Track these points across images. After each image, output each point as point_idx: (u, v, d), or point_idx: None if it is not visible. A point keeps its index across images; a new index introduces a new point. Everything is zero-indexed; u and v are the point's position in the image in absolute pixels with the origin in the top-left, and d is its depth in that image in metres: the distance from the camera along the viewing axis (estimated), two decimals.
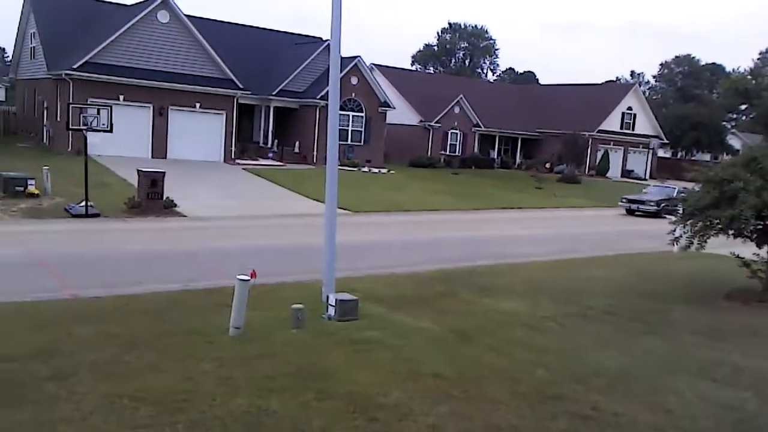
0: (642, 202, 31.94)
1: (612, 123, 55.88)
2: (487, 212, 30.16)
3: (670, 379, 9.08)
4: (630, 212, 32.31)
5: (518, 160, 56.31)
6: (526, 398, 8.04)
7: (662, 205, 30.94)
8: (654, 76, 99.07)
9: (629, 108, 57.10)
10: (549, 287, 14.79)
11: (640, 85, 76.21)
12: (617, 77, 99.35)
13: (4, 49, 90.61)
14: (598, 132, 54.27)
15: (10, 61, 47.23)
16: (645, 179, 55.70)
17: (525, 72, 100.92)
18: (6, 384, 7.60)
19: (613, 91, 61.99)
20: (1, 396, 7.24)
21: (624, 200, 32.81)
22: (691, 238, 14.16)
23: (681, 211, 14.77)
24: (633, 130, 57.47)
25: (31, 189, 22.28)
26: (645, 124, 58.38)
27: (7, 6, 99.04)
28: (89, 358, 8.59)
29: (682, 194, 32.20)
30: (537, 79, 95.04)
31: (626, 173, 56.46)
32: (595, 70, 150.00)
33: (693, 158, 65.37)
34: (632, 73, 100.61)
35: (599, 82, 70.16)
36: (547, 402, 7.97)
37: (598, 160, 54.43)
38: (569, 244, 22.40)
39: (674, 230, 14.83)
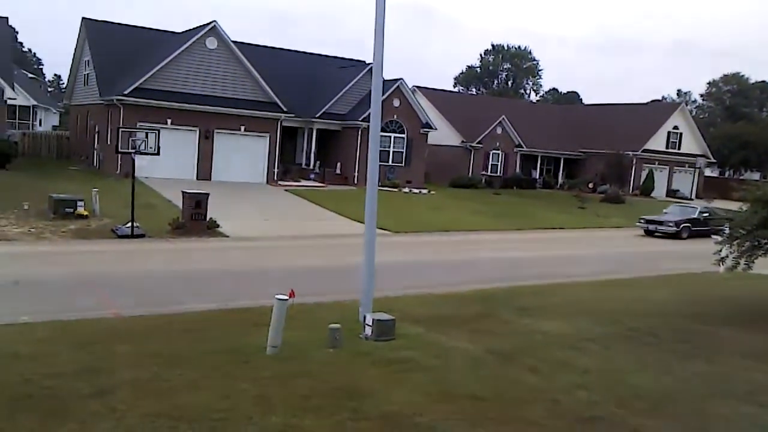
0: (660, 223, 30.81)
1: (657, 142, 54.92)
2: (528, 233, 29.84)
3: (715, 403, 8.80)
4: (648, 233, 31.09)
5: (560, 180, 55.68)
6: (566, 420, 7.89)
7: (682, 225, 30.11)
8: (701, 95, 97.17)
9: (675, 127, 56.06)
10: (591, 308, 14.52)
11: (686, 104, 74.81)
12: (663, 96, 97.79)
13: (59, 76, 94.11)
14: (643, 151, 53.38)
15: (65, 87, 48.90)
16: (691, 198, 54.48)
17: (568, 92, 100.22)
18: (50, 400, 7.78)
19: (658, 110, 61.00)
20: (46, 412, 7.41)
21: (642, 221, 31.59)
22: (738, 258, 13.78)
23: (727, 232, 14.38)
24: (679, 149, 56.36)
25: (81, 210, 22.88)
26: (692, 144, 57.22)
27: (63, 35, 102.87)
28: (130, 375, 8.73)
29: (705, 214, 30.30)
30: (581, 99, 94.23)
31: (672, 193, 55.31)
32: (641, 90, 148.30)
33: (741, 177, 63.72)
34: (679, 92, 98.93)
35: (645, 102, 69.11)
36: (587, 424, 7.81)
37: (642, 180, 53.46)
38: (612, 264, 22.00)
39: (720, 250, 14.46)
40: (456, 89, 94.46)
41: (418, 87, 52.52)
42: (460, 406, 8.15)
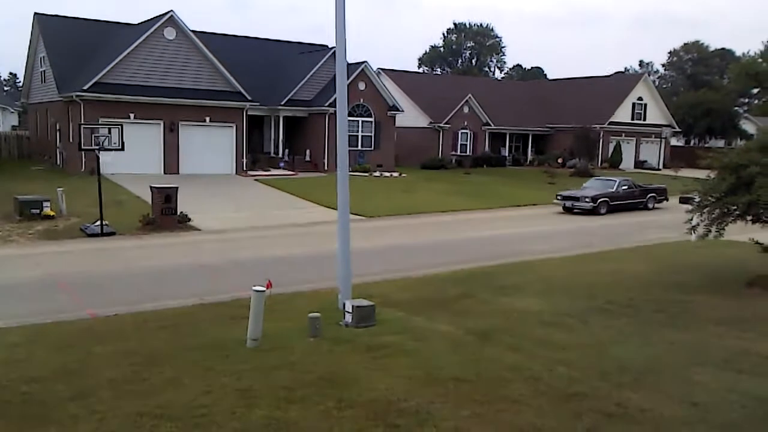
0: (577, 199, 28.81)
1: (623, 114, 55.48)
2: (500, 211, 30.01)
3: (695, 371, 8.94)
4: (567, 210, 29.19)
5: (530, 156, 56.03)
6: (549, 397, 7.95)
7: (599, 201, 28.50)
8: (663, 65, 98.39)
9: (639, 98, 56.67)
10: (567, 283, 14.67)
11: (649, 75, 75.67)
12: (626, 68, 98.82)
13: (15, 74, 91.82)
14: (609, 124, 53.90)
15: (22, 86, 47.73)
16: (659, 169, 55.19)
17: (533, 68, 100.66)
18: (29, 405, 7.64)
19: (622, 82, 61.55)
20: (26, 416, 7.27)
21: (559, 197, 29.70)
22: (709, 226, 13.99)
23: (696, 200, 14.58)
24: (644, 120, 57.02)
25: (47, 211, 22.44)
26: (656, 114, 57.91)
27: (16, 32, 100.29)
28: (109, 376, 8.61)
29: (624, 187, 29.76)
30: (545, 75, 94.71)
31: (639, 164, 56.01)
32: (603, 63, 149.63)
33: (707, 145, 64.76)
34: (641, 63, 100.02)
35: (608, 74, 69.68)
36: (570, 400, 7.87)
37: (610, 153, 54.02)
38: (585, 238, 22.23)
39: (691, 219, 14.66)
40: (421, 70, 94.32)
41: (382, 69, 52.33)
42: (444, 389, 8.17)
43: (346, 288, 11.93)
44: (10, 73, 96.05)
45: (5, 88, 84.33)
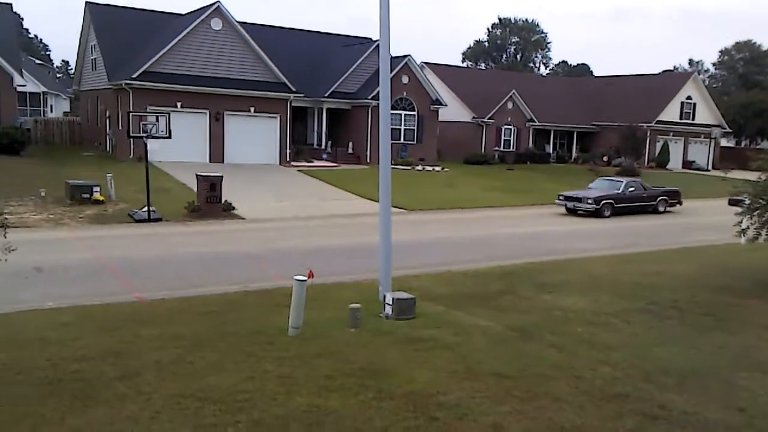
0: (579, 200, 27.00)
1: (671, 113, 54.32)
2: (543, 207, 29.68)
3: (742, 376, 8.77)
4: (571, 211, 27.35)
5: (574, 154, 55.28)
6: (591, 397, 7.88)
7: (602, 203, 26.59)
8: (714, 64, 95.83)
9: (688, 97, 55.41)
10: (611, 282, 14.47)
11: (699, 74, 73.84)
12: (675, 66, 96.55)
13: (68, 62, 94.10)
14: (656, 123, 52.85)
15: (74, 73, 48.85)
16: (707, 170, 53.96)
17: (578, 64, 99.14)
18: (79, 384, 7.87)
19: (671, 80, 60.27)
20: (76, 394, 7.50)
21: (561, 198, 27.82)
22: (759, 229, 13.65)
23: (747, 202, 14.23)
24: (693, 119, 55.74)
25: (97, 196, 23.01)
26: (706, 114, 56.56)
27: (69, 20, 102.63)
28: (155, 358, 8.81)
29: (631, 189, 27.93)
30: (591, 71, 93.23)
31: (687, 164, 54.83)
32: (652, 60, 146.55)
33: (758, 147, 63.01)
34: (690, 62, 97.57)
35: (656, 72, 68.31)
36: (613, 400, 7.80)
37: (657, 152, 53.00)
38: (630, 238, 21.87)
39: (741, 221, 14.32)
40: (464, 64, 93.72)
41: (426, 63, 52.13)
42: (484, 384, 8.16)
43: (386, 280, 11.98)
44: (63, 61, 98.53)
45: (58, 75, 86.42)
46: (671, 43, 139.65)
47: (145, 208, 21.23)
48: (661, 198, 28.89)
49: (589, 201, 26.63)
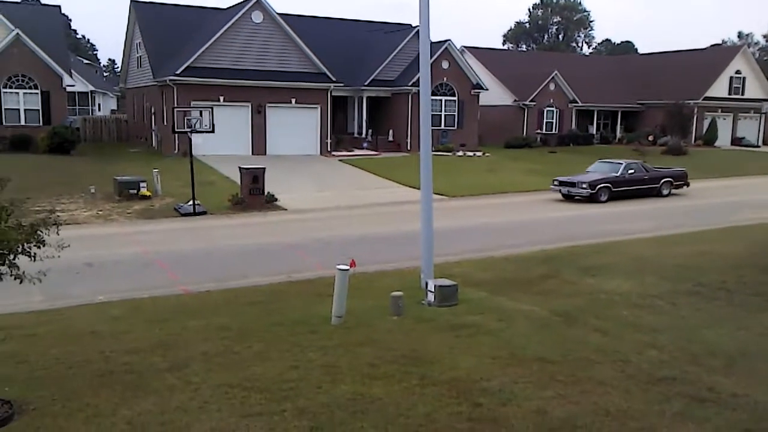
0: (573, 185, 25.25)
1: (719, 89, 52.75)
2: None
3: None
4: (567, 197, 25.65)
5: (619, 134, 54.21)
6: (636, 380, 7.79)
7: (598, 187, 24.73)
8: (764, 36, 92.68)
9: (737, 72, 53.71)
10: (656, 264, 14.22)
11: (749, 47, 71.50)
12: (723, 40, 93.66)
13: (114, 61, 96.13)
14: (704, 99, 51.40)
15: (120, 71, 49.93)
16: (758, 146, 52.35)
17: (622, 42, 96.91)
18: (129, 375, 8.11)
19: (718, 55, 58.47)
20: (127, 385, 7.73)
21: (555, 183, 26.13)
22: None
23: None
24: (742, 95, 54.02)
25: (143, 191, 23.54)
26: (756, 88, 54.76)
27: (115, 19, 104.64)
28: (202, 349, 9.02)
29: (631, 171, 25.90)
30: (636, 49, 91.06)
31: (737, 141, 53.26)
32: (699, 35, 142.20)
33: None
34: (739, 35, 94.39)
35: (703, 47, 66.39)
36: (659, 384, 7.69)
37: (705, 129, 51.62)
38: (676, 218, 21.41)
39: None
40: (505, 47, 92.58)
41: (466, 47, 51.70)
42: (528, 369, 8.14)
43: (428, 267, 12.00)
44: (109, 60, 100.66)
45: (105, 74, 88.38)
46: (719, 17, 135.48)
47: (191, 202, 21.64)
48: (665, 180, 26.94)
49: (584, 185, 24.92)
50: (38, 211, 12.28)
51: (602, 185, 25.06)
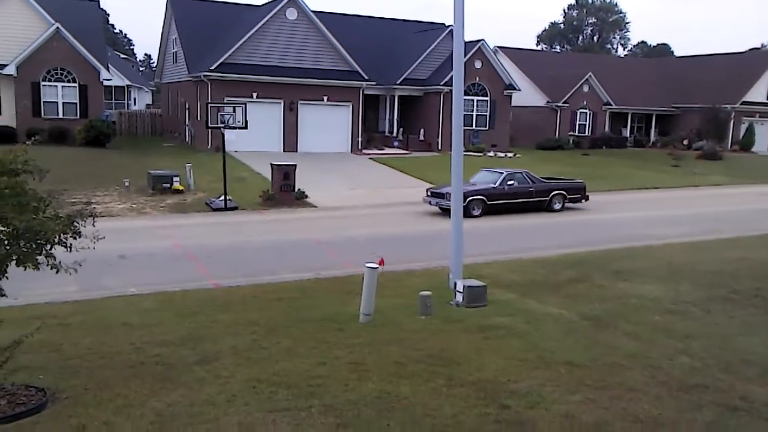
0: (442, 196, 21.35)
1: (758, 93, 51.62)
2: (619, 193, 28.92)
3: None
4: (446, 210, 19.86)
5: (653, 137, 53.44)
6: (668, 387, 7.68)
7: (469, 200, 20.76)
8: None
9: None
10: (690, 270, 13.99)
11: None
12: (762, 44, 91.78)
13: (150, 56, 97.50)
14: (741, 104, 50.39)
15: (156, 66, 50.61)
16: None
17: (658, 45, 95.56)
18: (159, 367, 8.22)
19: (758, 58, 57.26)
20: (157, 377, 7.84)
21: (428, 193, 22.76)
22: None
23: None
24: None
25: (176, 185, 23.83)
26: None
27: (153, 15, 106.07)
28: (231, 343, 9.10)
29: (511, 182, 22.53)
30: (672, 52, 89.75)
31: None
32: (737, 38, 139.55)
33: None
34: None
35: (742, 51, 65.12)
36: (691, 391, 7.57)
37: (742, 135, 50.61)
38: (711, 224, 21.04)
39: None
40: (539, 48, 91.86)
41: (499, 47, 51.36)
42: (556, 373, 8.07)
43: (457, 267, 11.96)
44: (146, 55, 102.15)
45: (141, 69, 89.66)
46: (759, 20, 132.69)
47: (222, 197, 21.84)
48: (556, 193, 23.44)
49: (450, 197, 21.23)
50: (74, 203, 12.47)
51: (474, 198, 21.52)
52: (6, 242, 6.77)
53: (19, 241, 6.84)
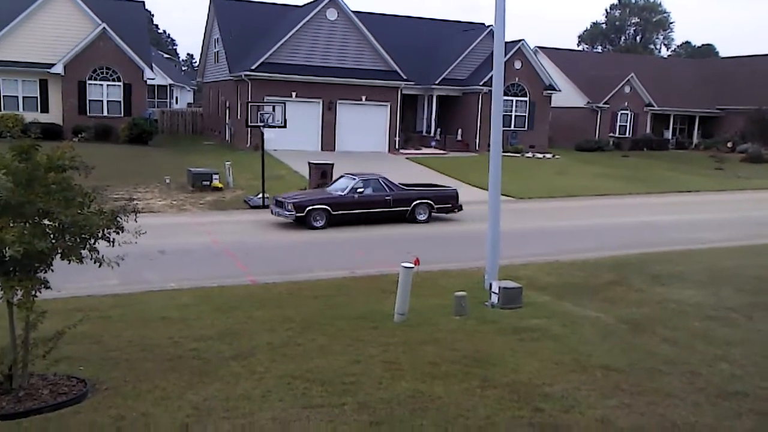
0: (282, 205, 19.47)
1: None
2: (660, 196, 28.42)
3: None
4: (300, 220, 19.24)
5: (696, 140, 52.38)
6: (706, 394, 7.54)
7: (308, 209, 19.01)
8: None
9: None
10: (732, 275, 13.69)
11: None
12: None
13: (192, 55, 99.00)
14: None
15: (198, 66, 51.37)
16: None
17: (703, 45, 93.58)
18: (197, 361, 8.37)
19: None
20: (193, 372, 7.97)
21: (275, 201, 20.33)
22: None
23: None
24: None
25: (216, 183, 24.18)
26: None
27: (195, 16, 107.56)
28: (267, 339, 9.22)
29: (361, 190, 19.83)
30: (717, 52, 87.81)
31: None
32: None
33: None
34: None
35: None
36: (730, 399, 7.42)
37: None
38: (755, 229, 20.55)
39: None
40: (580, 48, 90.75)
41: (540, 47, 50.90)
42: (592, 376, 7.98)
43: (493, 268, 11.91)
44: (188, 54, 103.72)
45: (183, 68, 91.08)
46: None
47: (260, 195, 22.08)
48: (419, 203, 20.67)
49: (289, 206, 19.17)
50: (116, 199, 12.75)
51: (314, 207, 19.30)
52: (52, 236, 6.95)
53: (65, 235, 7.03)
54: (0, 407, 6.88)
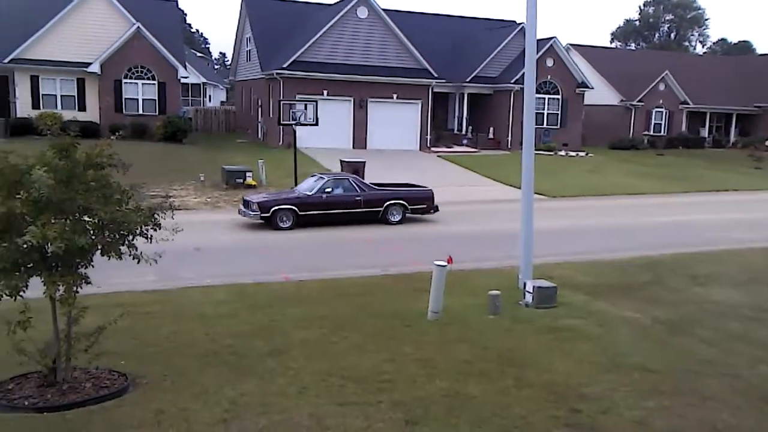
0: (248, 205, 19.00)
1: None
2: (696, 195, 27.96)
3: None
4: (267, 220, 18.71)
5: (733, 138, 51.42)
6: (747, 397, 7.43)
7: (274, 210, 18.50)
8: None
9: None
10: None
11: None
12: None
13: (224, 54, 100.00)
14: None
15: (230, 64, 51.85)
16: None
17: (739, 42, 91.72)
18: (233, 357, 8.47)
19: None
20: (230, 368, 8.07)
21: (242, 201, 19.87)
22: None
23: None
24: None
25: (249, 180, 24.37)
26: None
27: (228, 14, 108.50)
28: (301, 336, 9.29)
29: (329, 190, 19.25)
30: (754, 49, 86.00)
31: None
32: None
33: None
34: None
35: None
36: None
37: None
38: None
39: None
40: (613, 45, 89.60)
41: (572, 45, 50.41)
42: (629, 377, 7.90)
43: (527, 267, 11.83)
44: (220, 53, 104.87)
45: (215, 67, 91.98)
46: None
47: None
48: (392, 203, 19.95)
49: (254, 207, 18.71)
50: (153, 196, 12.95)
51: (280, 207, 18.76)
52: (92, 232, 7.08)
53: (104, 231, 7.15)
54: (45, 399, 7.04)
